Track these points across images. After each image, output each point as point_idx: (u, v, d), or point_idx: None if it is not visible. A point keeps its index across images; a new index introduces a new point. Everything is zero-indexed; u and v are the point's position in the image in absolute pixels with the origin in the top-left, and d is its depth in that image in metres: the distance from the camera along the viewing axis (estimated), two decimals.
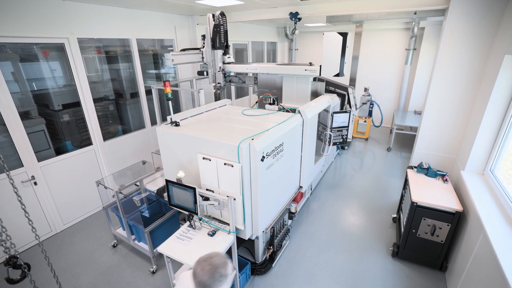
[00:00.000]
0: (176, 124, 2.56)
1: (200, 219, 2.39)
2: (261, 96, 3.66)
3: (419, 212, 2.81)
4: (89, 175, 3.90)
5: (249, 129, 2.39)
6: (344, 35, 3.26)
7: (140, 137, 4.57)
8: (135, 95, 4.58)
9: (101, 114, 4.10)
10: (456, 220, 2.67)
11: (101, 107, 4.15)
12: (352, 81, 7.41)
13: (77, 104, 3.72)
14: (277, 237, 3.05)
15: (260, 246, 2.90)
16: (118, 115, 4.48)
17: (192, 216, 2.38)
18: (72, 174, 3.75)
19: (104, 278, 2.98)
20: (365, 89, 6.79)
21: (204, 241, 2.20)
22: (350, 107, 5.79)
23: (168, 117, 2.64)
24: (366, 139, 7.10)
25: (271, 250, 2.96)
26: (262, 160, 2.17)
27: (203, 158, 2.23)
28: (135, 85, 4.52)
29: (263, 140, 2.19)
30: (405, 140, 6.97)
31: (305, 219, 3.93)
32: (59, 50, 3.42)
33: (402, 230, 3.08)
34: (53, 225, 3.65)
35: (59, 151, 3.65)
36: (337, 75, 3.45)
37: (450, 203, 2.72)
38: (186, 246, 2.15)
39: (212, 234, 2.26)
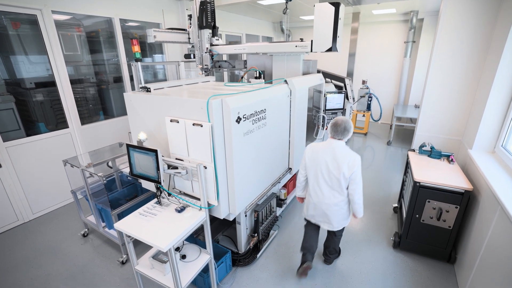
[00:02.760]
0: (147, 90, 2.29)
1: (169, 194, 2.07)
2: (247, 70, 3.39)
3: (422, 193, 2.47)
4: None
5: (227, 93, 2.11)
6: (336, 5, 3.02)
7: (122, 123, 4.30)
8: (119, 80, 4.35)
9: (80, 96, 3.85)
10: (466, 201, 2.33)
11: (81, 89, 3.91)
12: (350, 76, 7.16)
13: (52, 83, 3.48)
14: (262, 224, 2.71)
15: (243, 233, 2.56)
16: (100, 100, 4.23)
17: (160, 192, 2.07)
18: (45, 159, 3.46)
19: (67, 269, 2.64)
20: (363, 82, 6.54)
21: (170, 217, 1.88)
22: (348, 99, 5.52)
23: (140, 85, 2.37)
24: (365, 134, 6.79)
25: (255, 238, 2.62)
26: (237, 121, 1.88)
27: (171, 121, 1.94)
28: (118, 69, 4.29)
29: (239, 98, 1.90)
30: (406, 136, 6.66)
31: (299, 210, 3.59)
32: (32, 23, 3.19)
33: (404, 217, 2.73)
34: (20, 214, 3.33)
35: (32, 133, 3.37)
36: (330, 49, 3.18)
37: (458, 182, 2.39)
38: (148, 222, 1.83)
39: (181, 210, 1.94)
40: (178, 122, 1.90)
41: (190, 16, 3.91)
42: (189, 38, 3.97)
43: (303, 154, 2.25)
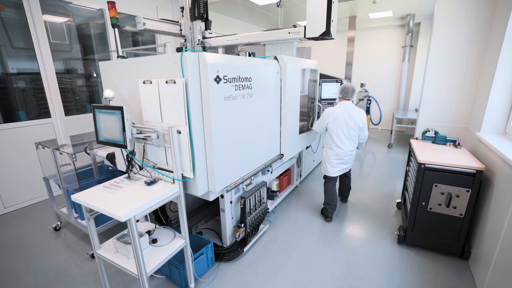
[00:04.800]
0: (124, 57, 2.12)
1: (140, 168, 1.83)
2: (237, 52, 3.24)
3: (428, 176, 2.21)
4: None
5: None
6: None
7: None
8: None
9: (66, 87, 3.71)
10: (478, 183, 2.06)
11: (69, 80, 3.78)
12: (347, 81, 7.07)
13: (36, 71, 3.35)
14: (250, 214, 2.43)
15: (227, 222, 2.28)
16: (88, 93, 4.09)
17: (132, 166, 1.84)
18: (22, 149, 3.25)
19: (29, 263, 2.34)
20: (362, 85, 6.43)
21: (138, 190, 1.63)
22: None
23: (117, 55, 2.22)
24: None
25: (242, 229, 2.33)
26: (217, 81, 1.68)
27: (144, 83, 1.75)
28: None
29: (219, 56, 1.72)
30: (407, 141, 6.41)
31: (294, 207, 3.30)
32: (18, 7, 3.12)
33: (409, 207, 2.44)
34: None
35: (10, 121, 3.18)
36: (324, 34, 3.06)
37: (468, 163, 2.13)
38: (111, 194, 1.58)
39: (150, 183, 1.69)
40: (151, 82, 1.71)
41: (182, 8, 3.86)
42: (180, 30, 3.90)
43: (323, 118, 2.80)
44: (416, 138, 2.91)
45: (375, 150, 5.67)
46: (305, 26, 3.16)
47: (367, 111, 6.36)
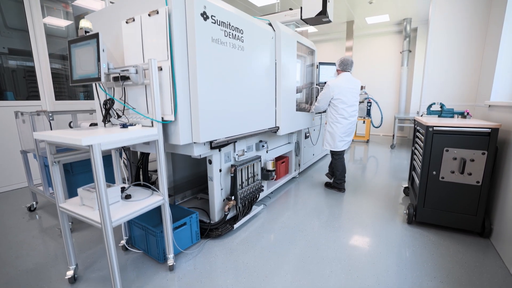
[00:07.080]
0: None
1: (118, 116, 1.66)
2: None
3: (438, 140, 2.00)
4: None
5: None
6: None
7: None
8: None
9: (60, 73, 3.64)
10: (494, 144, 1.85)
11: (62, 66, 3.71)
12: None
13: (28, 53, 3.29)
14: (242, 188, 2.20)
15: (216, 193, 2.05)
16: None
17: (110, 117, 1.66)
18: (6, 130, 3.09)
19: None
20: (362, 87, 6.36)
21: (111, 132, 1.43)
22: None
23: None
24: (367, 141, 6.37)
25: (231, 202, 2.08)
26: (204, 18, 1.56)
27: (127, 23, 1.63)
28: None
29: None
30: (410, 144, 6.20)
31: (293, 193, 3.04)
32: None
33: (418, 181, 2.20)
34: None
35: None
36: (320, 14, 3.02)
37: (481, 123, 1.94)
38: (80, 132, 1.39)
39: (125, 125, 1.50)
40: (134, 20, 1.59)
41: None
42: None
43: (327, 90, 2.76)
44: (421, 115, 2.73)
45: (378, 151, 5.45)
46: (301, 7, 3.14)
47: (368, 113, 6.25)
